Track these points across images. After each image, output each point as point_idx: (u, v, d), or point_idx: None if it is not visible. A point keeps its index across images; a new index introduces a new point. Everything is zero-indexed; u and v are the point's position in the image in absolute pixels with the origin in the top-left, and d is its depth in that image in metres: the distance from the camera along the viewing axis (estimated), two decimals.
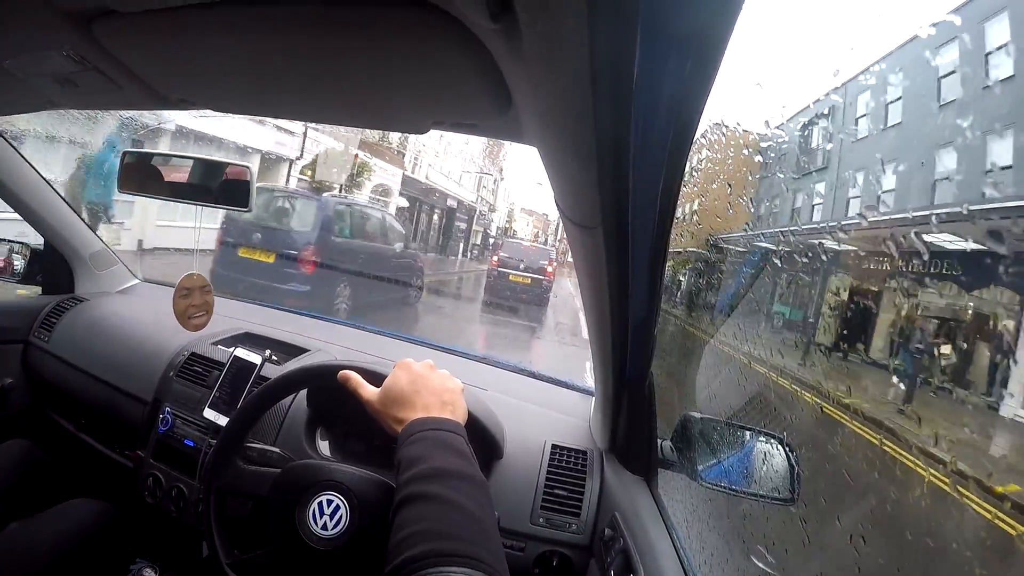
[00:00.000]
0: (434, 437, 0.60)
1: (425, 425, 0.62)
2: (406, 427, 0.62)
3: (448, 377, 0.72)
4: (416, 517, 0.51)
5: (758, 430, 0.91)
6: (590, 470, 0.98)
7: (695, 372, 3.90)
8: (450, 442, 0.60)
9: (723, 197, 7.96)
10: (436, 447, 0.59)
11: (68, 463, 1.33)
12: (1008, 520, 3.15)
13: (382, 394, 0.68)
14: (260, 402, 0.83)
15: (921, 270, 6.78)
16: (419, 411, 0.64)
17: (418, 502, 0.52)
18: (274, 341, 1.29)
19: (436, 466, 0.56)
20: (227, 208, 1.06)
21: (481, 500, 0.54)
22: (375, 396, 0.69)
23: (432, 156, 18.57)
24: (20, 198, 1.35)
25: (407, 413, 0.64)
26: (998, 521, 3.13)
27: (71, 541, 1.07)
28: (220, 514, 0.78)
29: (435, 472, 0.55)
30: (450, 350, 1.50)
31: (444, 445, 0.59)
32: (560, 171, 0.50)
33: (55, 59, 0.53)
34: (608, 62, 0.31)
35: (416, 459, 0.57)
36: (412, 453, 0.58)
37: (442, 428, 0.62)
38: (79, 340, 1.35)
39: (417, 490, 0.53)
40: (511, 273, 10.95)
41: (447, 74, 0.42)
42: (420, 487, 0.53)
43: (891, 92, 8.29)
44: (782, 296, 9.08)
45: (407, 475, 0.55)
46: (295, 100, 0.60)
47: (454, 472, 0.56)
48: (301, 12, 0.39)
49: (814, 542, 1.75)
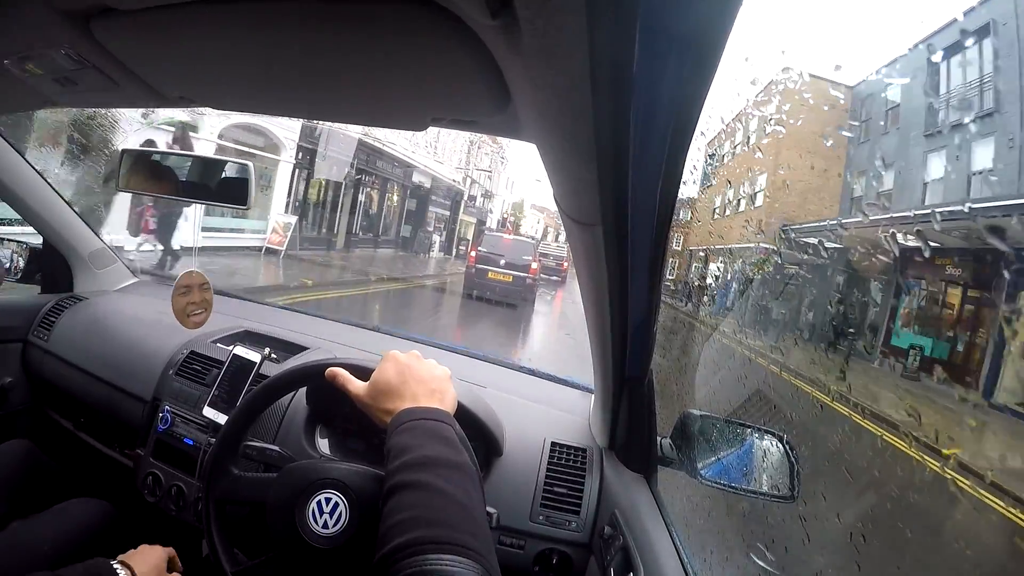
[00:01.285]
0: (422, 427, 0.60)
1: (413, 415, 0.62)
2: (394, 417, 0.62)
3: (435, 365, 0.72)
4: (405, 505, 0.52)
5: (757, 427, 0.91)
6: (590, 468, 0.98)
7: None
8: (438, 431, 0.60)
9: (801, 170, 6.47)
10: (424, 436, 0.59)
11: (68, 462, 1.33)
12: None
13: (370, 387, 0.68)
14: (259, 401, 0.83)
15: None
16: (407, 401, 0.64)
17: (407, 490, 0.53)
18: (273, 339, 1.29)
19: (424, 454, 0.56)
20: (227, 206, 1.07)
21: (469, 488, 0.55)
22: (363, 390, 0.69)
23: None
24: (19, 197, 1.35)
25: (395, 404, 0.64)
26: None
27: (71, 540, 1.07)
28: (220, 523, 0.78)
29: (423, 460, 0.55)
30: (450, 348, 1.50)
31: (432, 434, 0.59)
32: (559, 168, 0.50)
33: (54, 58, 0.53)
34: (607, 60, 0.31)
35: (404, 448, 0.57)
36: (401, 442, 0.58)
37: (430, 417, 0.62)
38: (78, 339, 1.35)
39: (406, 478, 0.54)
40: (490, 270, 9.93)
41: (446, 71, 0.42)
42: (409, 475, 0.54)
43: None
44: (915, 319, 5.95)
45: (396, 464, 0.56)
46: (294, 97, 0.60)
47: (442, 460, 0.56)
48: (300, 9, 0.38)
49: (818, 539, 1.74)
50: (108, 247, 1.61)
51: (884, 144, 6.65)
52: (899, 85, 6.23)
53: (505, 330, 8.60)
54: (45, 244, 1.50)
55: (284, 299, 5.66)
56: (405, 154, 15.09)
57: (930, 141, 6.25)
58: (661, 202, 0.48)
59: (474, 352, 1.49)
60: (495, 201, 28.40)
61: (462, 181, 21.45)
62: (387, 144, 13.56)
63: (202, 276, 1.12)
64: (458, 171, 20.76)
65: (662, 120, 0.38)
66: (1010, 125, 5.18)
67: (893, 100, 6.80)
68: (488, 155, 23.74)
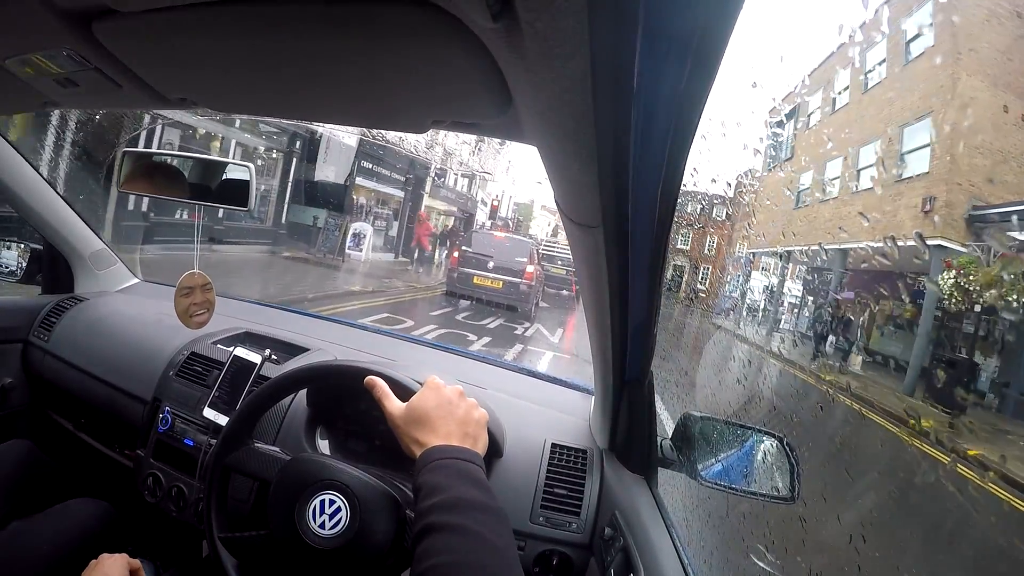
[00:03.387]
0: (455, 467, 0.60)
1: (445, 453, 0.62)
2: (426, 453, 0.62)
3: (474, 406, 0.71)
4: (441, 548, 0.52)
5: (758, 429, 0.91)
6: (590, 469, 0.98)
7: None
8: (470, 472, 0.60)
9: (988, 112, 3.23)
10: (457, 476, 0.59)
11: (68, 463, 1.33)
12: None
13: (407, 411, 0.67)
14: (262, 400, 0.83)
15: None
16: (440, 437, 0.64)
17: (441, 533, 0.53)
18: (274, 340, 1.29)
19: (458, 495, 0.56)
20: (227, 208, 1.07)
21: (503, 532, 0.55)
22: (399, 411, 0.68)
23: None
24: (20, 197, 1.35)
25: (428, 437, 0.64)
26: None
27: (71, 541, 1.07)
28: (222, 490, 0.79)
29: (456, 502, 0.55)
30: (449, 349, 1.50)
31: (465, 475, 0.59)
32: (560, 170, 0.50)
33: (55, 58, 0.53)
34: (608, 62, 0.31)
35: (436, 487, 0.57)
36: (432, 481, 0.58)
37: (462, 458, 0.61)
38: (79, 340, 1.35)
39: (439, 520, 0.54)
40: (476, 275, 8.19)
41: (447, 73, 0.42)
42: (443, 517, 0.54)
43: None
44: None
45: (427, 503, 0.56)
46: (295, 99, 0.60)
47: (477, 503, 0.56)
48: (301, 11, 0.39)
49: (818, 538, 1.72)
50: (108, 247, 1.61)
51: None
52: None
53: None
54: (46, 245, 1.50)
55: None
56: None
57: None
58: (662, 204, 0.48)
59: (474, 353, 1.49)
60: (486, 186, 20.00)
61: (429, 151, 14.12)
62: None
63: (204, 277, 1.13)
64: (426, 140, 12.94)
65: (663, 122, 0.38)
66: None
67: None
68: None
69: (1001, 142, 4.28)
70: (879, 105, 6.01)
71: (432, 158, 14.30)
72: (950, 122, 4.06)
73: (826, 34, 5.40)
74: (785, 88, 6.06)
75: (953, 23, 3.11)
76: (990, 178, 4.11)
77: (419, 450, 0.63)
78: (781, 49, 55.14)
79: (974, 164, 3.99)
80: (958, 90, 3.41)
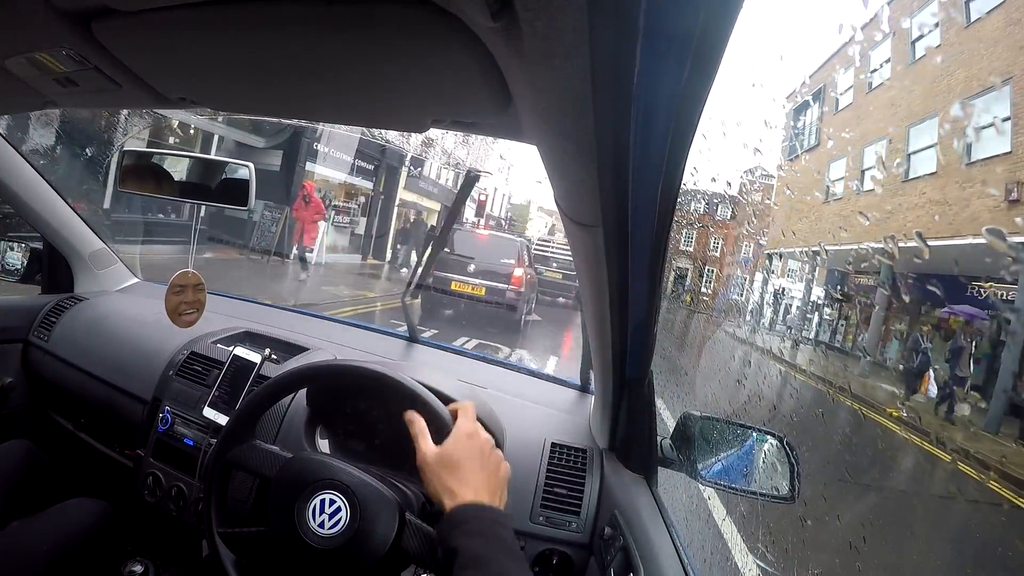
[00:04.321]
0: (497, 536, 0.60)
1: (482, 514, 0.62)
2: (459, 510, 0.62)
3: (501, 459, 0.72)
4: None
5: (758, 428, 0.91)
6: (590, 468, 0.98)
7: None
8: (507, 543, 0.60)
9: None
10: (500, 550, 0.59)
11: (68, 463, 1.33)
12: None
13: (442, 455, 0.67)
14: (262, 399, 0.83)
15: None
16: (470, 488, 0.64)
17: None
18: (274, 340, 1.29)
19: (500, 573, 0.56)
20: (227, 207, 1.07)
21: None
22: (433, 455, 0.68)
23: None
24: (19, 197, 1.35)
25: (459, 487, 0.64)
26: None
27: (71, 540, 1.07)
28: (221, 486, 0.79)
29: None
30: (449, 348, 1.50)
31: (503, 546, 0.60)
32: (560, 170, 0.50)
33: (55, 58, 0.53)
34: (608, 61, 0.31)
35: (478, 560, 0.57)
36: (473, 549, 0.58)
37: (500, 521, 0.62)
38: (79, 339, 1.35)
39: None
40: (453, 279, 6.88)
41: (447, 73, 0.42)
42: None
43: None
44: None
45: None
46: (295, 99, 0.60)
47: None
48: (301, 10, 0.39)
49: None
50: (108, 247, 1.61)
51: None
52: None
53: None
54: (45, 244, 1.50)
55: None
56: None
57: None
58: (662, 203, 0.48)
59: (474, 352, 1.49)
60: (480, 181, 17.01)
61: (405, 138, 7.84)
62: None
63: (198, 277, 1.12)
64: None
65: (663, 122, 0.38)
66: None
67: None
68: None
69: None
70: (934, 76, 4.89)
71: (410, 146, 12.39)
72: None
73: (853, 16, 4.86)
74: (785, 89, 5.79)
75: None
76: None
77: (448, 499, 0.63)
78: (780, 49, 55.20)
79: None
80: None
